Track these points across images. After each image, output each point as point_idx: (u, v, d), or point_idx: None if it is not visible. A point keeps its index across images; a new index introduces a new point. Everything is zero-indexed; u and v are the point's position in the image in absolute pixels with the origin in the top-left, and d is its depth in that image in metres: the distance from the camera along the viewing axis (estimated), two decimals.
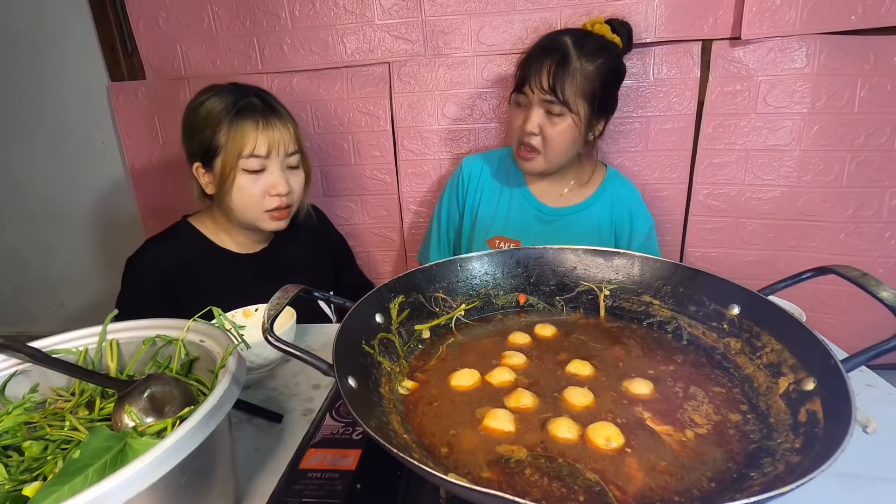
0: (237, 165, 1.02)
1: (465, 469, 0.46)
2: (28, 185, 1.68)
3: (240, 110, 1.02)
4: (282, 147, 1.04)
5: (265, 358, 0.79)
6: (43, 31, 1.51)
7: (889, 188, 1.27)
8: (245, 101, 1.03)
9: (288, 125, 1.06)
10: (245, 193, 1.04)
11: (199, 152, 1.04)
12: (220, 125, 1.01)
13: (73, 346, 0.59)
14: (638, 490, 0.43)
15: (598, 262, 0.73)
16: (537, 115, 1.11)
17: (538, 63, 1.08)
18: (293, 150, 1.07)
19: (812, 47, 1.21)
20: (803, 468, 0.39)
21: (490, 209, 1.29)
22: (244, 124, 1.01)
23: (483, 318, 0.73)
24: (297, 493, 0.50)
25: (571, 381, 0.57)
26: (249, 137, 1.01)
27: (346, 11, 1.37)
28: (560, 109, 1.09)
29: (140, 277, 1.07)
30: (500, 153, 1.34)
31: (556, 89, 1.06)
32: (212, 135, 1.02)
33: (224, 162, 1.02)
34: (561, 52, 1.08)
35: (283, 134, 1.04)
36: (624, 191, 1.26)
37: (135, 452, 0.42)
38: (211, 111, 1.02)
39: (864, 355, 0.47)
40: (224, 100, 1.03)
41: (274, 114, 1.05)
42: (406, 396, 0.57)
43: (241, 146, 1.01)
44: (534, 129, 1.11)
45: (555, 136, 1.11)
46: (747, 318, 0.60)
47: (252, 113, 1.02)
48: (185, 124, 1.07)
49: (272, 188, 1.05)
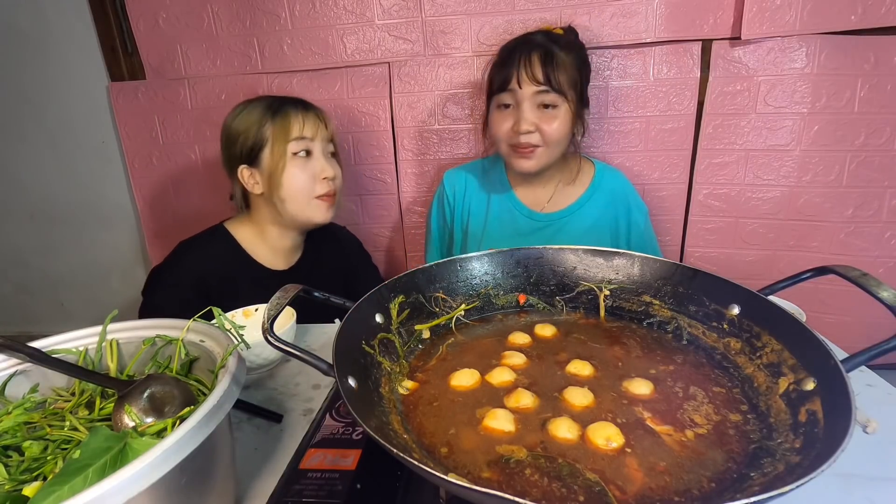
0: (286, 151, 1.07)
1: (464, 469, 0.46)
2: (28, 185, 1.68)
3: (280, 104, 1.10)
4: (322, 131, 1.11)
5: (265, 358, 0.79)
6: (43, 31, 1.51)
7: (889, 188, 1.27)
8: (281, 99, 1.12)
9: (324, 118, 1.13)
10: (296, 180, 1.08)
11: (243, 154, 1.10)
12: (263, 121, 1.08)
13: (73, 346, 0.59)
14: (638, 490, 0.43)
15: (598, 262, 0.73)
16: (530, 112, 1.09)
17: (522, 59, 1.07)
18: (330, 137, 1.14)
19: (812, 47, 1.21)
20: (803, 468, 0.39)
21: (479, 222, 1.28)
22: (287, 113, 1.08)
23: (483, 318, 0.73)
24: (297, 493, 0.50)
25: (571, 381, 0.57)
26: (294, 121, 1.08)
27: (346, 11, 1.37)
28: (554, 100, 1.07)
29: (179, 281, 1.07)
30: (482, 163, 1.32)
31: (549, 78, 1.05)
32: (256, 132, 1.08)
33: (273, 152, 1.08)
34: (543, 45, 1.08)
35: (318, 120, 1.11)
36: (617, 185, 1.24)
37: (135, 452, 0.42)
38: (251, 115, 1.09)
39: (864, 355, 0.47)
40: (262, 103, 1.11)
41: (312, 107, 1.13)
42: (406, 396, 0.57)
43: (287, 130, 1.07)
44: (529, 126, 1.09)
45: (553, 130, 1.09)
46: (747, 318, 0.60)
47: (293, 104, 1.10)
48: (226, 135, 1.12)
49: (320, 172, 1.10)
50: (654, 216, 1.39)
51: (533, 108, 1.09)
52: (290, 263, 1.21)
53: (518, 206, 1.25)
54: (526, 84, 1.07)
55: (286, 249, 1.20)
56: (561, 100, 1.08)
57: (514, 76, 1.07)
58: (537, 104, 1.09)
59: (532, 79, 1.06)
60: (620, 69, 1.33)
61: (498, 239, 1.25)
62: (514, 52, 1.09)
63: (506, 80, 1.09)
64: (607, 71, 1.33)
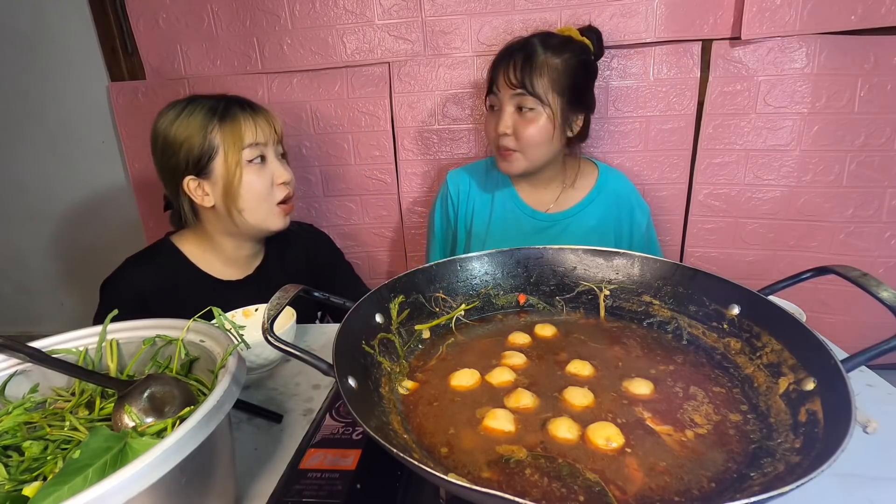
0: (241, 159, 1.00)
1: (464, 469, 0.46)
2: (28, 185, 1.68)
3: (226, 108, 1.01)
4: (272, 134, 1.05)
5: (265, 358, 0.79)
6: (43, 31, 1.51)
7: (889, 188, 1.27)
8: (224, 101, 1.03)
9: (271, 116, 1.06)
10: (254, 187, 1.02)
11: (189, 165, 1.01)
12: (210, 127, 0.99)
13: (73, 346, 0.59)
14: (638, 490, 0.43)
15: (598, 262, 0.73)
16: (509, 115, 1.10)
17: (505, 62, 1.09)
18: (279, 137, 1.08)
19: (812, 47, 1.21)
20: (803, 468, 0.39)
21: (483, 222, 1.28)
22: (236, 117, 1.00)
23: (483, 318, 0.73)
24: (297, 493, 0.50)
25: (571, 381, 0.57)
26: (246, 126, 1.00)
27: (346, 11, 1.37)
28: (532, 103, 1.08)
29: (118, 299, 1.02)
30: (485, 163, 1.32)
31: (524, 82, 1.06)
32: (203, 140, 0.99)
33: (226, 161, 1.00)
34: (526, 49, 1.09)
35: (269, 123, 1.05)
36: (621, 187, 1.25)
37: (135, 452, 0.42)
38: (193, 120, 1.00)
39: (864, 355, 0.47)
40: (202, 106, 1.01)
41: (250, 106, 1.05)
42: (406, 396, 0.57)
43: (240, 137, 1.00)
44: (506, 129, 1.10)
45: (530, 134, 1.10)
46: (747, 318, 0.60)
47: (240, 107, 1.02)
48: (162, 145, 1.03)
49: (277, 177, 1.05)
50: (654, 216, 1.39)
51: (511, 110, 1.10)
52: (248, 272, 1.14)
53: (522, 207, 1.26)
54: (503, 87, 1.09)
55: (242, 259, 1.13)
56: (539, 104, 1.08)
57: (496, 79, 1.10)
58: (515, 107, 1.10)
59: (508, 82, 1.08)
60: (620, 69, 1.33)
61: (502, 239, 1.25)
62: (503, 54, 1.11)
63: (491, 81, 1.12)
64: (607, 71, 1.33)
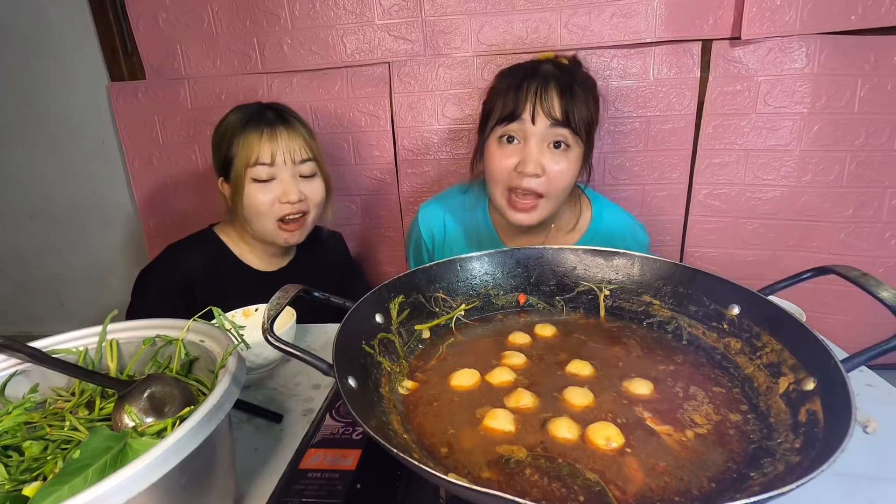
0: (245, 175, 1.04)
1: (464, 469, 0.46)
2: (28, 185, 1.68)
3: (248, 122, 1.05)
4: (289, 155, 1.05)
5: (265, 358, 0.79)
6: (43, 31, 1.51)
7: (889, 188, 1.27)
8: (256, 113, 1.06)
9: (299, 134, 1.08)
10: (254, 202, 1.05)
11: (220, 166, 1.09)
12: (233, 138, 1.05)
13: (73, 346, 0.59)
14: (638, 490, 0.43)
15: (598, 262, 0.73)
16: (539, 151, 0.94)
17: (537, 89, 0.94)
18: (305, 157, 1.08)
19: (812, 47, 1.21)
20: (803, 468, 0.39)
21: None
22: (250, 135, 1.04)
23: (483, 318, 0.73)
24: (297, 493, 0.50)
25: (571, 381, 0.57)
26: (254, 147, 1.03)
27: (346, 11, 1.37)
28: (567, 138, 0.95)
29: (164, 283, 1.07)
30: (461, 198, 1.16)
31: (568, 114, 0.92)
32: (227, 148, 1.06)
33: (235, 172, 1.05)
34: (558, 77, 0.94)
35: (290, 142, 1.06)
36: (616, 226, 1.12)
37: (135, 452, 0.42)
38: (228, 126, 1.07)
39: (864, 355, 0.47)
40: (240, 113, 1.08)
41: (283, 123, 1.06)
42: (406, 396, 0.57)
43: (248, 155, 1.03)
44: (536, 168, 0.94)
45: (559, 175, 0.95)
46: (747, 318, 0.60)
47: (258, 124, 1.05)
48: (213, 142, 1.11)
49: (283, 196, 1.06)
50: (654, 216, 1.39)
51: (541, 146, 0.96)
52: (281, 265, 1.21)
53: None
54: (540, 118, 0.94)
55: (272, 253, 1.19)
56: (575, 140, 0.96)
57: (528, 108, 0.94)
58: (548, 143, 0.96)
59: (548, 114, 0.93)
60: (620, 69, 1.33)
61: None
62: (526, 80, 0.96)
63: (515, 109, 0.95)
64: (607, 71, 1.33)
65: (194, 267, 1.09)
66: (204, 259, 1.11)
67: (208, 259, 1.12)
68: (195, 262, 1.10)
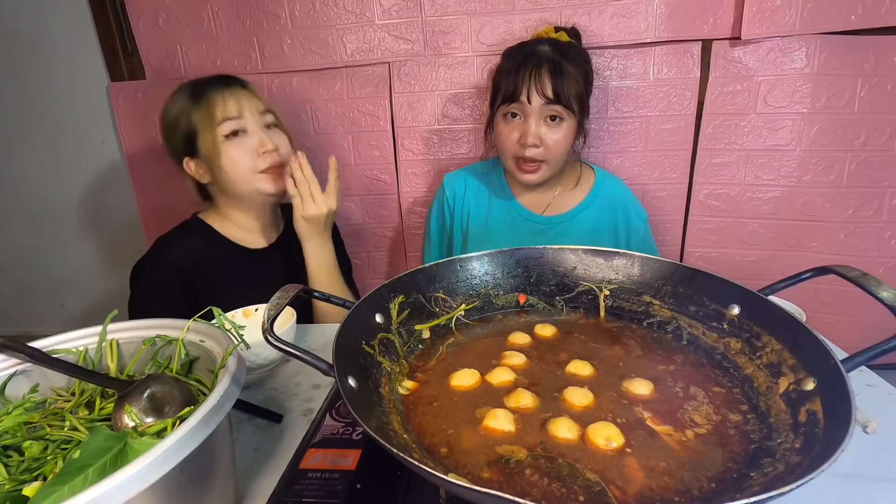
0: (217, 134, 1.05)
1: (464, 469, 0.46)
2: (28, 185, 1.68)
3: (201, 88, 1.07)
4: (252, 106, 1.08)
5: (265, 358, 0.79)
6: (43, 31, 1.51)
7: (889, 188, 1.27)
8: (203, 82, 1.08)
9: (250, 90, 1.10)
10: (234, 159, 1.06)
11: (183, 146, 1.09)
12: (189, 109, 1.06)
13: (73, 346, 0.59)
14: (638, 490, 0.43)
15: (598, 262, 0.73)
16: (538, 125, 1.10)
17: (532, 71, 1.08)
18: (265, 108, 1.10)
19: (812, 47, 1.21)
20: (803, 468, 0.39)
21: (480, 225, 1.28)
22: (208, 96, 1.05)
23: (483, 318, 0.73)
24: (297, 493, 0.50)
25: (571, 381, 0.57)
26: (217, 105, 1.05)
27: (346, 11, 1.37)
28: (560, 112, 1.09)
29: (158, 276, 1.06)
30: (482, 165, 1.33)
31: (559, 93, 1.07)
32: (186, 122, 1.06)
33: (205, 139, 1.06)
34: (551, 58, 1.08)
35: (249, 96, 1.08)
36: (617, 191, 1.26)
37: (135, 452, 0.42)
38: (177, 104, 1.08)
39: (864, 355, 0.47)
40: (186, 89, 1.08)
41: (234, 82, 1.09)
42: (406, 396, 0.57)
43: (212, 114, 1.04)
44: (535, 140, 1.11)
45: (556, 143, 1.11)
46: (747, 318, 0.60)
47: (213, 85, 1.07)
48: (163, 129, 1.11)
49: (259, 147, 1.07)
50: (654, 216, 1.39)
51: (539, 121, 1.10)
52: (271, 240, 1.21)
53: (519, 210, 1.26)
54: (535, 98, 1.08)
55: (260, 227, 1.19)
56: (567, 113, 1.09)
57: (524, 89, 1.08)
58: (544, 117, 1.11)
59: (541, 93, 1.07)
60: (620, 69, 1.33)
61: (498, 241, 1.22)
62: (523, 63, 1.09)
63: (515, 91, 1.10)
64: (607, 71, 1.33)
65: (186, 255, 1.09)
66: (195, 246, 1.11)
67: (199, 245, 1.12)
68: (187, 249, 1.10)
